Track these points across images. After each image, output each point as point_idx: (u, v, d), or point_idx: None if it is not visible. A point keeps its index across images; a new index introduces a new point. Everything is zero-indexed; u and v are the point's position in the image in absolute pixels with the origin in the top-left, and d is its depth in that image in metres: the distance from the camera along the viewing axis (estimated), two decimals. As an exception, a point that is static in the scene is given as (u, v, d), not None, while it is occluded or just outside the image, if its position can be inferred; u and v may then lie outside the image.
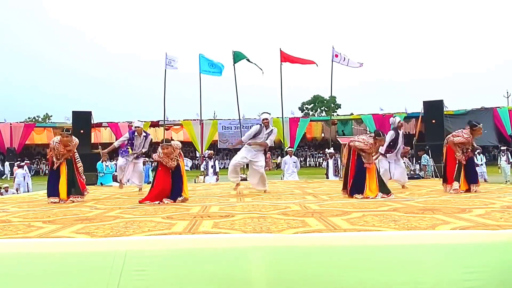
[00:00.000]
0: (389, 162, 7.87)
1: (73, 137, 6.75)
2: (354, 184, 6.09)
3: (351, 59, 18.09)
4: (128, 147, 8.13)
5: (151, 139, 8.56)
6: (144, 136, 8.22)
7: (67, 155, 6.62)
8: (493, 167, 17.63)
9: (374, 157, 6.33)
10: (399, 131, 7.86)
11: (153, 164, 14.86)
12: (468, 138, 6.53)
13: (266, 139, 7.38)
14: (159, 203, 5.77)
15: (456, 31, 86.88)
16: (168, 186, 6.03)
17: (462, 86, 69.92)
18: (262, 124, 7.44)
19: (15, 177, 15.78)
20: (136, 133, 8.15)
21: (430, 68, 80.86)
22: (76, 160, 6.79)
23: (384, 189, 6.01)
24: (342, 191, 6.35)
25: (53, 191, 6.56)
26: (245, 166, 8.26)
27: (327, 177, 13.36)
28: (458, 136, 6.60)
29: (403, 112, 27.92)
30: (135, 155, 8.16)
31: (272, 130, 7.45)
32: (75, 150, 6.79)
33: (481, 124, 6.70)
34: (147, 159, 9.72)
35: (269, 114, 7.64)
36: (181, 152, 6.28)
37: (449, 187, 6.61)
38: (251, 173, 7.57)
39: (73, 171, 6.67)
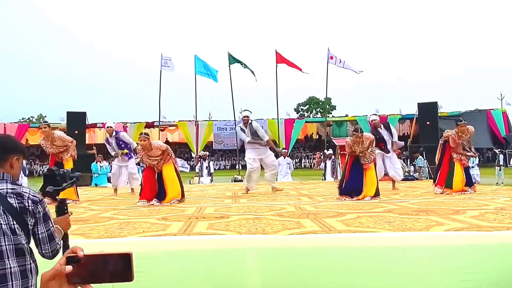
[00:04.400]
0: (383, 158, 7.82)
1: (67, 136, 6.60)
2: (348, 184, 6.13)
3: (347, 62, 18.14)
4: (132, 153, 7.95)
5: (124, 135, 8.27)
6: (114, 136, 7.96)
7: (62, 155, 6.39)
8: (487, 169, 17.71)
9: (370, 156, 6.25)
10: (378, 129, 7.80)
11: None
12: (451, 135, 6.59)
13: (258, 136, 7.27)
14: (149, 203, 5.72)
15: (450, 33, 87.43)
16: (154, 185, 5.92)
17: (457, 88, 70.37)
18: (242, 123, 7.33)
19: None
20: (107, 134, 7.94)
21: (424, 70, 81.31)
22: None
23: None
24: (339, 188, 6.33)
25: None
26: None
27: (324, 178, 13.33)
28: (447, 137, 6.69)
29: (397, 114, 28.00)
30: (116, 155, 7.93)
31: (252, 125, 7.30)
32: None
33: (465, 122, 6.76)
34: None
35: (250, 112, 7.47)
36: (170, 155, 6.13)
37: (437, 188, 6.64)
38: (264, 167, 7.52)
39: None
